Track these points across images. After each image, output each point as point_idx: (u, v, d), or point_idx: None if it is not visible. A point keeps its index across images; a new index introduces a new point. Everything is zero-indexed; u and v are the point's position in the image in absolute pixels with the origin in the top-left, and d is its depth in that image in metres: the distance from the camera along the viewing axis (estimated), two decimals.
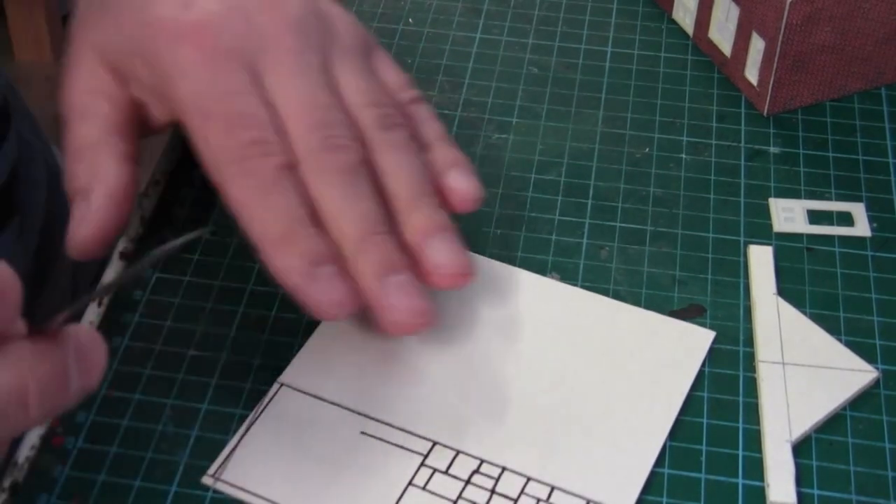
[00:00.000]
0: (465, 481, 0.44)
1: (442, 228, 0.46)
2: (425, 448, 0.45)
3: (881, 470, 0.44)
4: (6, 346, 0.36)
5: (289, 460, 0.44)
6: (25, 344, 0.36)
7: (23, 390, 0.36)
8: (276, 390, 0.47)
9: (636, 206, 0.54)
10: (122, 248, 0.52)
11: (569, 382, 0.47)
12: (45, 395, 0.36)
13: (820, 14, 0.56)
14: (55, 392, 0.36)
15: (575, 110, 0.59)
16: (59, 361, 0.36)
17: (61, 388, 0.37)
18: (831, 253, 0.52)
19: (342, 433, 0.45)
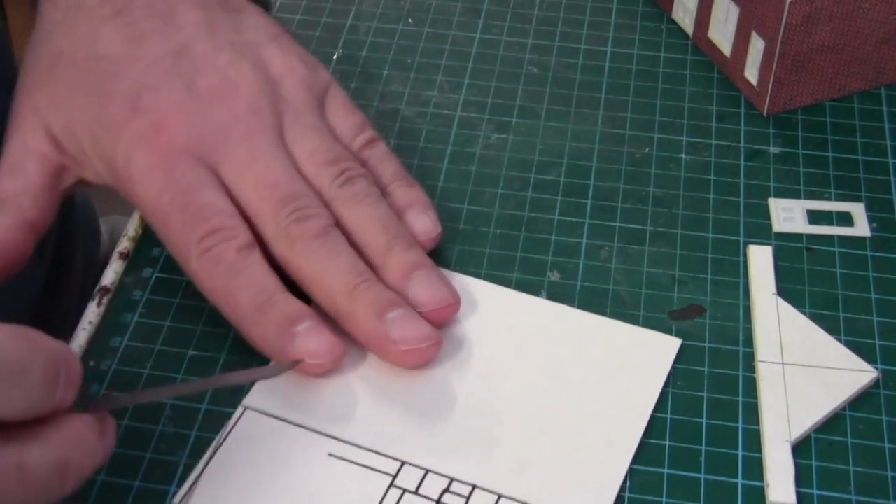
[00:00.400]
0: (436, 501, 0.43)
1: (417, 266, 0.48)
2: (394, 468, 0.44)
3: (881, 470, 0.44)
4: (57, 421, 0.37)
5: (256, 485, 0.44)
6: (66, 420, 0.38)
7: (65, 465, 0.37)
8: (241, 413, 0.46)
9: (636, 206, 0.54)
10: (122, 248, 0.52)
11: (536, 397, 0.46)
12: (81, 470, 0.38)
13: (820, 14, 0.56)
14: (87, 469, 0.38)
15: (575, 110, 0.59)
16: (93, 439, 0.38)
17: (93, 465, 0.39)
18: (831, 253, 0.52)
19: (309, 456, 0.44)
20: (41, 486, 0.36)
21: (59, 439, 0.37)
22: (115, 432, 0.40)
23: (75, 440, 0.37)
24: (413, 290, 0.47)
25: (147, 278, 0.51)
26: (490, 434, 0.45)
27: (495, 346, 0.48)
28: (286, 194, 0.47)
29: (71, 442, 0.37)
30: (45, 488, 0.37)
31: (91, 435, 0.38)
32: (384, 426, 0.45)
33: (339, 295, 0.46)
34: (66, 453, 0.37)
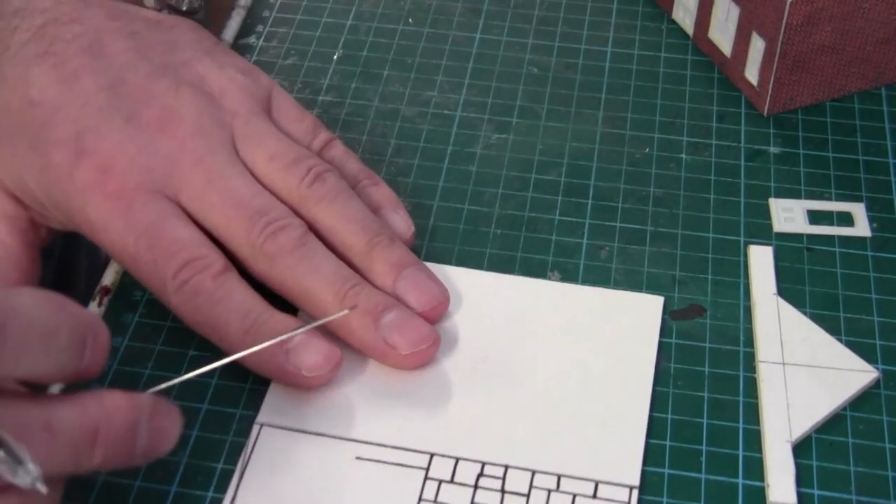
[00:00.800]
0: (474, 486, 0.43)
1: (403, 264, 0.47)
2: (424, 462, 0.44)
3: (881, 470, 0.44)
4: (91, 391, 0.38)
5: (291, 500, 0.43)
6: (103, 391, 0.38)
7: (93, 430, 0.37)
8: (258, 432, 0.45)
9: (636, 206, 0.54)
10: None
11: (543, 372, 0.47)
12: (111, 443, 0.38)
13: (820, 14, 0.56)
14: (121, 443, 0.38)
15: (575, 110, 0.59)
16: (131, 416, 0.38)
17: (128, 442, 0.39)
18: (831, 253, 0.52)
19: (336, 462, 0.44)
20: (68, 449, 0.37)
21: (89, 406, 0.37)
22: (178, 430, 0.40)
23: (107, 410, 0.38)
24: (403, 291, 0.47)
25: None
26: (507, 415, 0.45)
27: (490, 330, 0.48)
28: (253, 211, 0.46)
29: (102, 411, 0.38)
30: (74, 452, 0.37)
31: (127, 409, 0.38)
32: (406, 422, 0.45)
33: (329, 306, 0.46)
34: (95, 421, 0.37)
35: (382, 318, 0.46)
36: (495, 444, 0.45)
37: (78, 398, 0.38)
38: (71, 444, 0.37)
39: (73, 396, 0.38)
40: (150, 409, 0.39)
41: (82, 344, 0.37)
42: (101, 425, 0.37)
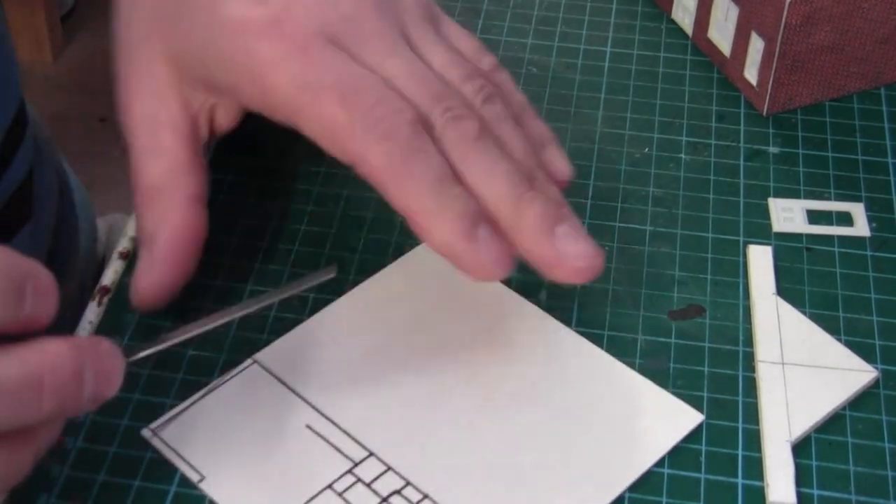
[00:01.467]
0: (383, 499, 0.43)
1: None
2: (360, 456, 0.44)
3: (881, 470, 0.45)
4: (32, 340, 0.37)
5: (228, 434, 0.44)
6: (44, 340, 0.37)
7: (37, 380, 0.37)
8: (248, 365, 0.47)
9: (636, 206, 0.54)
10: (121, 247, 0.52)
11: (534, 427, 0.45)
12: (58, 390, 0.37)
13: (819, 14, 0.56)
14: (68, 391, 0.38)
15: (574, 110, 0.59)
16: (75, 362, 0.38)
17: (75, 389, 0.38)
18: (831, 253, 0.52)
19: (289, 421, 0.45)
20: (14, 402, 0.36)
21: (29, 355, 0.36)
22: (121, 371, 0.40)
23: (50, 359, 0.37)
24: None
25: None
26: (468, 450, 0.44)
27: (515, 369, 0.47)
28: (437, 90, 0.44)
29: (44, 360, 0.37)
30: (19, 402, 0.36)
31: (70, 356, 0.37)
32: (368, 413, 0.45)
33: (503, 200, 0.43)
34: (38, 371, 0.36)
35: (558, 225, 0.43)
36: (433, 472, 0.44)
37: (18, 350, 0.36)
38: (16, 397, 0.36)
39: (12, 348, 0.36)
40: (92, 354, 0.38)
41: (20, 293, 0.36)
42: (45, 375, 0.37)
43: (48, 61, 1.88)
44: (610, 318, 0.49)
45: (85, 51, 1.92)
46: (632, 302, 0.50)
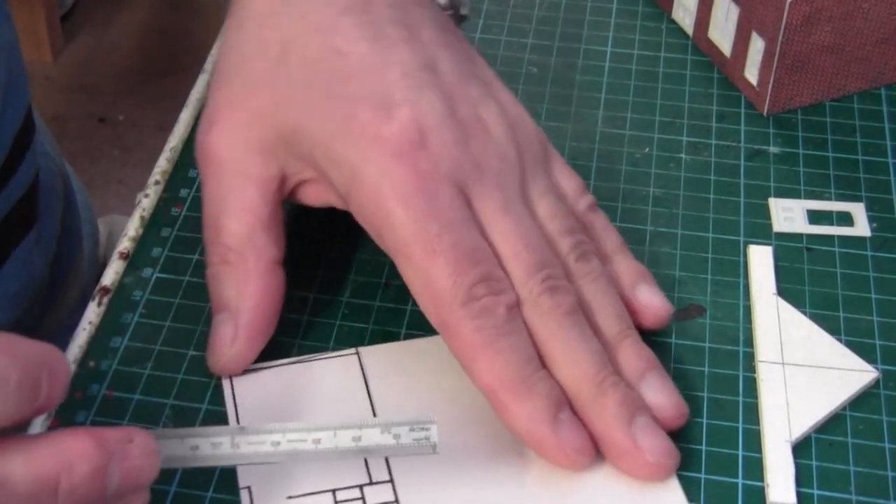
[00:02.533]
0: None
1: (651, 366, 0.45)
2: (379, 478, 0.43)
3: (881, 470, 0.44)
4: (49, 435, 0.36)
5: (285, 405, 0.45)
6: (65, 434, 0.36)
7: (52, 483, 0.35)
8: (348, 353, 0.47)
9: (636, 206, 0.54)
10: (122, 248, 0.52)
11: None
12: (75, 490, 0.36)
13: (820, 14, 0.56)
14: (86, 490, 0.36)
15: (575, 110, 0.59)
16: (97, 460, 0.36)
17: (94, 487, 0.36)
18: (831, 253, 0.52)
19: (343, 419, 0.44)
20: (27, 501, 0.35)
21: (47, 456, 0.35)
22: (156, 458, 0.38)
23: (69, 459, 0.36)
24: (648, 392, 0.44)
25: (147, 279, 0.51)
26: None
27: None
28: (540, 258, 0.44)
29: (62, 460, 0.35)
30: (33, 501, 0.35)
31: (92, 455, 0.36)
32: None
33: (587, 383, 0.43)
34: (54, 472, 0.35)
35: (638, 416, 0.43)
36: None
37: (36, 446, 0.35)
38: (28, 499, 0.35)
39: (30, 444, 0.35)
40: (121, 451, 0.37)
41: (36, 385, 0.35)
42: (61, 476, 0.35)
43: (48, 61, 1.88)
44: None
45: (85, 51, 1.92)
46: None
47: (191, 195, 0.55)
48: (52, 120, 1.80)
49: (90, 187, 0.77)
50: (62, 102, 1.83)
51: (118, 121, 1.81)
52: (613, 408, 0.43)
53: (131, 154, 1.75)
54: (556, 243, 0.46)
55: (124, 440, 0.37)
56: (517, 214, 0.45)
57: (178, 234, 0.53)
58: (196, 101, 0.59)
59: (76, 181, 0.75)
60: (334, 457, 0.41)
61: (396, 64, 0.45)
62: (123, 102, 1.84)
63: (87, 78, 1.88)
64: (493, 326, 0.43)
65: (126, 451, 0.37)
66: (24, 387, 0.35)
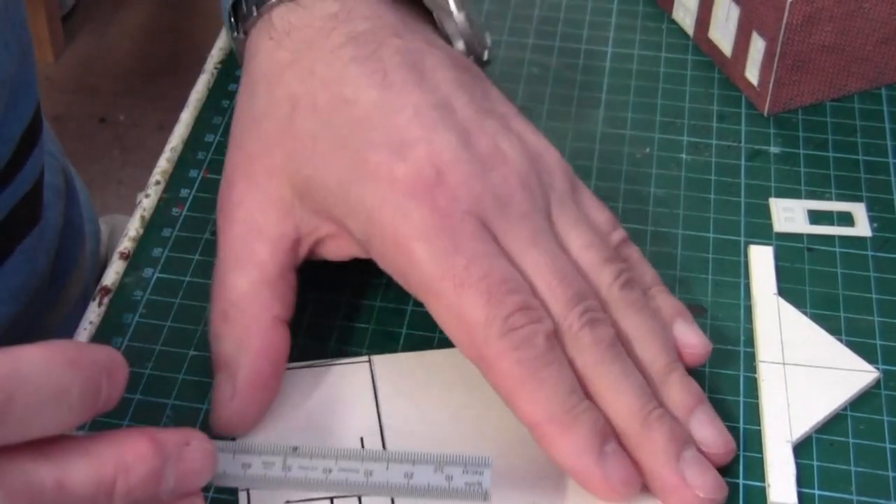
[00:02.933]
0: None
1: (699, 400, 0.44)
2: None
3: (882, 470, 0.44)
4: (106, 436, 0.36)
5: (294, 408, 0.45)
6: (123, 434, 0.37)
7: (109, 484, 0.36)
8: (361, 361, 0.47)
9: (637, 206, 0.54)
10: (122, 248, 0.52)
11: None
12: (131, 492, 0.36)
13: (820, 14, 0.56)
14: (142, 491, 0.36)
15: (575, 110, 0.59)
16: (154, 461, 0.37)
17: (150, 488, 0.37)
18: (832, 253, 0.52)
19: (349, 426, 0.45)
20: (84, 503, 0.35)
21: (105, 457, 0.36)
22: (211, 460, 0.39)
23: (126, 460, 0.36)
24: (699, 426, 0.43)
25: (148, 279, 0.51)
26: None
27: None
28: (576, 291, 0.43)
29: (119, 462, 0.36)
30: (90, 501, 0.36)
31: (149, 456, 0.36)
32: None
33: (632, 417, 0.42)
34: (112, 474, 0.36)
35: (684, 451, 0.42)
36: None
37: (94, 446, 0.36)
38: (85, 501, 0.35)
39: (89, 445, 0.36)
40: (177, 454, 0.38)
41: (97, 392, 0.36)
42: (118, 478, 0.36)
43: (49, 61, 1.88)
44: None
45: (85, 51, 1.92)
46: None
47: (191, 195, 0.55)
48: (53, 120, 1.80)
49: (90, 187, 0.77)
50: (63, 102, 1.84)
51: (119, 121, 1.81)
52: (661, 442, 0.42)
53: (131, 154, 1.75)
54: (597, 273, 0.45)
55: (181, 443, 0.38)
56: (546, 245, 0.44)
57: (178, 235, 0.53)
58: (196, 101, 0.59)
59: (78, 180, 0.75)
60: (383, 492, 0.41)
61: (408, 106, 0.45)
62: (124, 102, 1.84)
63: (87, 78, 1.88)
64: (534, 357, 0.41)
65: (183, 453, 0.38)
66: (86, 395, 0.35)
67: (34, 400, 0.34)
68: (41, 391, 0.34)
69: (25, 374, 0.34)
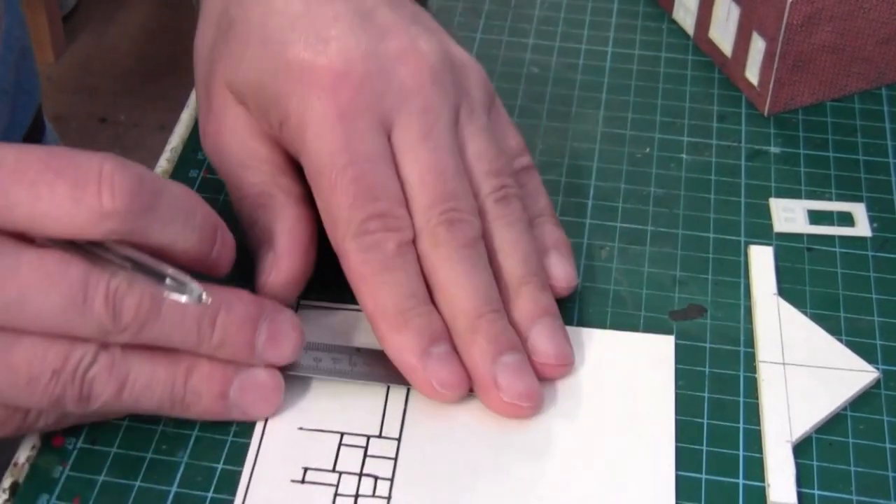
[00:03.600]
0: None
1: (546, 312, 0.46)
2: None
3: (882, 470, 0.44)
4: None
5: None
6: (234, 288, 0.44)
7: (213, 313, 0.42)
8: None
9: (636, 206, 0.54)
10: None
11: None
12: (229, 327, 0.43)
13: (820, 14, 0.56)
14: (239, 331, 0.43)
15: (575, 110, 0.59)
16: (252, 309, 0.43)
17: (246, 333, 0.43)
18: (832, 253, 0.52)
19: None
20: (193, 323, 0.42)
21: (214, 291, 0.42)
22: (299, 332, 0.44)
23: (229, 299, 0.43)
24: (537, 335, 0.46)
25: None
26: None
27: None
28: (447, 190, 0.46)
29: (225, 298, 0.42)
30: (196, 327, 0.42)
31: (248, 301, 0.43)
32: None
33: (463, 316, 0.45)
34: (217, 304, 0.42)
35: (503, 355, 0.44)
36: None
37: (208, 285, 0.41)
38: (194, 320, 0.42)
39: (204, 284, 0.41)
40: (271, 311, 0.44)
41: (214, 231, 0.43)
42: (221, 308, 0.42)
43: (49, 61, 1.88)
44: (611, 318, 0.49)
45: (86, 51, 1.92)
46: (632, 302, 0.50)
47: None
48: (54, 120, 1.80)
49: None
50: (63, 102, 1.84)
51: (119, 121, 1.81)
52: (482, 343, 0.44)
53: (131, 154, 1.74)
54: (479, 182, 0.47)
55: (277, 307, 0.44)
56: (436, 143, 0.46)
57: None
58: (196, 101, 0.59)
59: None
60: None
61: (329, 12, 0.47)
62: (124, 102, 1.84)
63: (88, 78, 1.88)
64: (378, 261, 0.44)
65: (276, 315, 0.44)
66: (206, 229, 0.42)
67: (172, 203, 0.41)
68: (176, 201, 0.41)
69: (167, 184, 0.41)
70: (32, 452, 0.45)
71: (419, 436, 0.45)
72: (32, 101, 0.61)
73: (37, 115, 0.62)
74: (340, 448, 0.45)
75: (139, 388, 0.42)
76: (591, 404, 0.46)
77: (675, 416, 0.46)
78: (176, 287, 0.41)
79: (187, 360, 0.43)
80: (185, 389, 0.43)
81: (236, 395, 0.44)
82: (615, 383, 0.47)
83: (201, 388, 0.43)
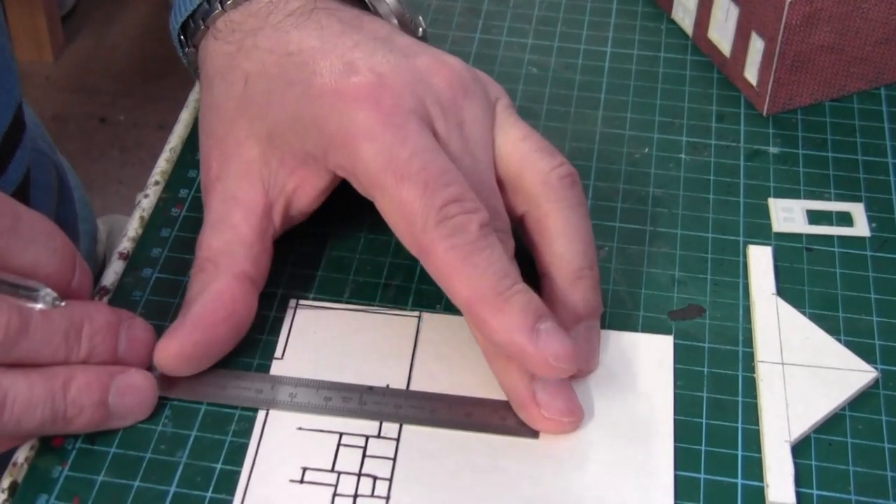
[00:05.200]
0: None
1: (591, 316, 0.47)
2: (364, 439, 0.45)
3: (880, 470, 0.45)
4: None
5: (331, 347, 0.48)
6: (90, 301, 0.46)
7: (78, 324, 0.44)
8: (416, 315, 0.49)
9: (635, 206, 0.54)
10: (121, 248, 0.52)
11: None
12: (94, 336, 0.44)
13: (819, 14, 0.56)
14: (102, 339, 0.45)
15: (574, 110, 0.59)
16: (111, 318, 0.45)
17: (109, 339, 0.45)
18: (830, 253, 0.52)
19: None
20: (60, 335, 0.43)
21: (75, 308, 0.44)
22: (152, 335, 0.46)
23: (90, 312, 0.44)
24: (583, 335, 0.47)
25: (147, 279, 0.51)
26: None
27: None
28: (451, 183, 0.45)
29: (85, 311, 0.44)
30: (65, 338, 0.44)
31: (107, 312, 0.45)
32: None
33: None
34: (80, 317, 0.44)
35: (542, 322, 0.43)
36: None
37: (68, 303, 0.44)
38: (62, 332, 0.43)
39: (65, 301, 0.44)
40: (128, 319, 0.46)
41: (73, 257, 0.44)
42: (84, 321, 0.44)
43: (48, 62, 1.88)
44: (610, 318, 0.49)
45: (85, 51, 1.92)
46: (632, 302, 0.50)
47: (190, 195, 0.55)
48: (53, 120, 1.80)
49: (90, 187, 0.77)
50: (62, 102, 1.83)
51: (118, 121, 1.81)
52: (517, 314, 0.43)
53: (131, 154, 1.75)
54: (534, 161, 0.48)
55: (130, 315, 0.46)
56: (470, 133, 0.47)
57: (177, 235, 0.53)
58: (196, 101, 0.59)
59: (73, 178, 0.75)
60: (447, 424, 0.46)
61: (348, 41, 0.47)
62: (124, 102, 1.84)
63: (87, 78, 1.88)
64: (466, 244, 0.43)
65: (132, 322, 0.46)
66: (65, 252, 0.44)
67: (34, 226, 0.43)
68: (36, 224, 0.43)
69: (25, 209, 0.43)
70: (31, 452, 0.45)
71: (418, 436, 0.45)
72: (11, 99, 0.61)
73: (17, 113, 0.62)
74: (339, 448, 0.45)
75: (19, 408, 0.42)
76: (590, 404, 0.46)
77: (673, 416, 0.46)
78: (29, 295, 0.42)
79: (63, 373, 0.43)
80: (65, 402, 0.43)
81: (115, 400, 0.44)
82: (614, 383, 0.47)
83: (82, 399, 0.43)
